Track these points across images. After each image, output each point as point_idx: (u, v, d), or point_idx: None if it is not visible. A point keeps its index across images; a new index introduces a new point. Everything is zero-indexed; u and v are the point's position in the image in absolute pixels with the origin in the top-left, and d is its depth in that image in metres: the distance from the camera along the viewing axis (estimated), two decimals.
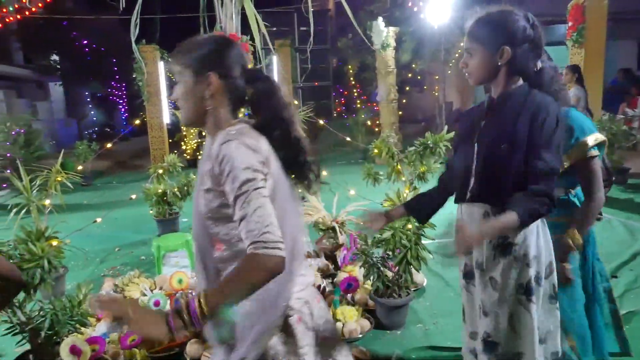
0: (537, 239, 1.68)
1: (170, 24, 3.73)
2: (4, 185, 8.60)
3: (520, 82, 1.68)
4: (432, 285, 3.78)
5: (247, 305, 1.33)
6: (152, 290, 3.81)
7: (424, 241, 3.11)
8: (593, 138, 1.90)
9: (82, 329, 2.77)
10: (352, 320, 3.04)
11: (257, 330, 1.35)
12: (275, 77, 10.62)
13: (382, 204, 3.22)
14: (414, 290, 3.49)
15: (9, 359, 3.05)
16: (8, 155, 8.61)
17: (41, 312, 2.52)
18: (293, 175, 1.50)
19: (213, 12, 4.11)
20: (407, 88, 12.46)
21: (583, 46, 7.37)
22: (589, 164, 1.89)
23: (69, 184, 4.37)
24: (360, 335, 2.97)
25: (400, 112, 10.22)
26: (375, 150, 4.50)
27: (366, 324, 3.06)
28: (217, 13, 3.97)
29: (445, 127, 4.46)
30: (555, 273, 1.74)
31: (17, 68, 17.59)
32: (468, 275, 1.83)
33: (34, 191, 3.68)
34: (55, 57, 18.12)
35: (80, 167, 7.44)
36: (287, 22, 14.34)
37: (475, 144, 1.71)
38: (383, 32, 9.22)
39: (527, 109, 1.60)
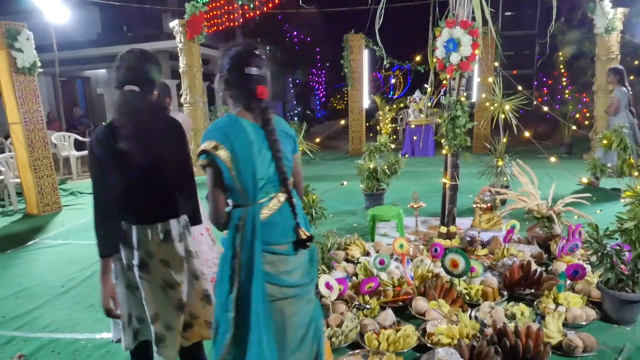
0: None
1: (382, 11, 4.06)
2: None
3: None
4: None
5: None
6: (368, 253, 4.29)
7: None
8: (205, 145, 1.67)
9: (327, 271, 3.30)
10: (577, 306, 3.02)
11: None
12: (476, 65, 10.41)
13: (620, 196, 3.07)
14: None
15: None
16: None
17: None
18: None
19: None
20: (632, 77, 10.95)
21: None
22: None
23: (309, 153, 5.12)
24: (584, 323, 2.93)
25: None
26: (605, 141, 4.25)
27: (591, 313, 3.01)
28: (450, 0, 4.18)
29: None
30: None
31: None
32: None
33: None
34: (268, 47, 20.56)
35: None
36: (492, 6, 13.79)
37: None
38: (609, 14, 8.30)
39: None
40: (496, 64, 7.92)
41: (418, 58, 8.49)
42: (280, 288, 1.73)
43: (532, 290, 3.36)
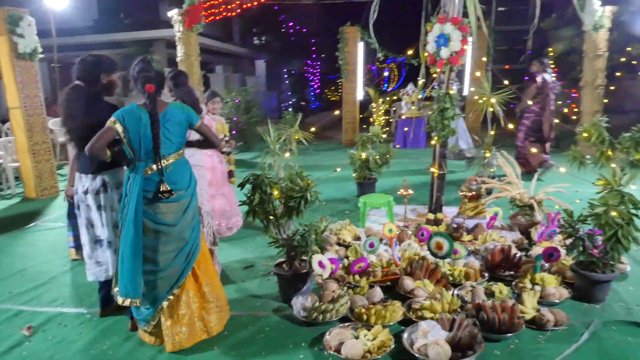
0: None
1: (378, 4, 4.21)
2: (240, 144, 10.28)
3: None
4: (636, 274, 3.71)
5: None
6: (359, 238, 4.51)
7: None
8: None
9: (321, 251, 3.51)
10: (551, 285, 3.26)
11: None
12: (469, 59, 10.60)
13: (594, 183, 3.30)
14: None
15: (258, 270, 4.02)
16: (234, 119, 10.37)
17: (298, 232, 3.32)
18: None
19: None
20: (619, 74, 11.19)
21: None
22: None
23: (305, 142, 5.32)
24: (557, 301, 3.17)
25: (606, 100, 9.35)
26: (585, 134, 4.48)
27: (564, 292, 3.25)
28: None
29: None
30: None
31: (235, 46, 20.45)
32: None
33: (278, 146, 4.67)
34: (264, 37, 20.62)
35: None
36: (485, 2, 13.95)
37: None
38: (597, 12, 8.51)
39: None
40: (484, 59, 8.14)
41: (410, 52, 8.68)
42: (154, 223, 2.66)
43: (512, 272, 3.59)
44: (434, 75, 4.62)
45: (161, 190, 2.60)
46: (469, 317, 2.75)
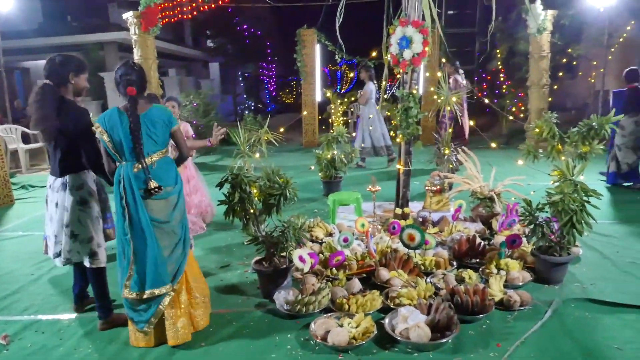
0: None
1: (334, 7, 4.35)
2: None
3: None
4: (587, 256, 4.04)
5: None
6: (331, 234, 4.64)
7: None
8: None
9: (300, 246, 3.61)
10: (514, 270, 3.51)
11: None
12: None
13: (549, 174, 3.58)
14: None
15: (235, 268, 4.08)
16: (194, 122, 10.27)
17: (277, 229, 3.41)
18: None
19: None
20: (561, 74, 11.92)
21: None
22: None
23: (275, 142, 5.39)
24: (521, 284, 3.42)
25: (550, 99, 9.98)
26: (537, 130, 4.81)
27: (527, 275, 3.50)
28: (402, 1, 4.57)
29: (613, 110, 4.59)
30: None
31: (188, 49, 20.17)
32: None
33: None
34: (218, 40, 20.41)
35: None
36: (437, 5, 14.50)
37: None
38: (540, 16, 9.08)
39: None
40: (444, 60, 8.47)
41: (374, 54, 8.90)
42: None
43: (478, 260, 3.83)
44: (398, 76, 4.82)
45: (150, 187, 2.68)
46: (444, 301, 2.93)
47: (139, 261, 2.75)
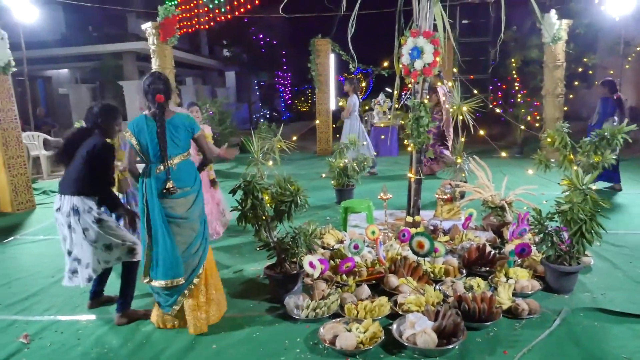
0: None
1: (346, 17, 4.43)
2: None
3: None
4: (599, 266, 4.04)
5: None
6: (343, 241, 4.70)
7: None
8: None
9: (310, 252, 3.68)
10: (524, 278, 3.53)
11: None
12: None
13: (559, 184, 3.60)
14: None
15: (247, 274, 4.16)
16: None
17: (288, 235, 3.49)
18: None
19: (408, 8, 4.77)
20: (577, 83, 11.84)
21: None
22: None
23: (288, 150, 5.49)
24: (530, 292, 3.44)
25: (565, 108, 9.93)
26: (549, 139, 4.82)
27: (536, 284, 3.52)
28: (414, 12, 4.64)
29: (626, 120, 4.59)
30: None
31: (204, 58, 20.49)
32: None
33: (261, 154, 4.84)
34: (233, 49, 20.73)
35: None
36: (450, 15, 14.56)
37: None
38: (555, 25, 9.07)
39: None
40: (455, 70, 8.51)
41: (386, 64, 8.99)
42: (167, 217, 3.01)
43: (487, 268, 3.85)
44: (409, 86, 4.88)
45: (167, 187, 2.94)
46: (452, 308, 2.97)
47: (156, 253, 3.02)
